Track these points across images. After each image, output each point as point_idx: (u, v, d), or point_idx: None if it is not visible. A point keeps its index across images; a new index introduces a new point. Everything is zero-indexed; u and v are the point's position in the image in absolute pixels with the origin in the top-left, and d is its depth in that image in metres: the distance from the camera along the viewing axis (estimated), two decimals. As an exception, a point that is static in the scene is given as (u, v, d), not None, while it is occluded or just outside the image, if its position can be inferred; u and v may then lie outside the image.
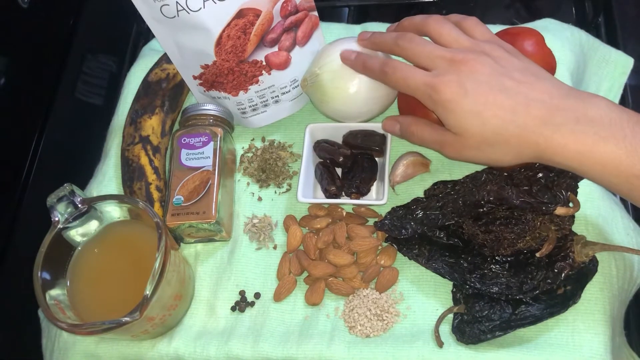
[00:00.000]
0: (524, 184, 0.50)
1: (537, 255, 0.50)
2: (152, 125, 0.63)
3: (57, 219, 0.52)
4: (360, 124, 0.60)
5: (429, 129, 0.53)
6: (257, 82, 0.60)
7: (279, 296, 0.56)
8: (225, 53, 0.57)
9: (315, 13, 0.60)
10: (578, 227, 0.53)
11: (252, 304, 0.57)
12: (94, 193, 0.64)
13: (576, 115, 0.45)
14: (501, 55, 0.49)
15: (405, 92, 0.52)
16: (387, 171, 0.58)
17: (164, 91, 0.65)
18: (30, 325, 0.62)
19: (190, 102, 0.68)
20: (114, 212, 0.55)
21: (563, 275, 0.49)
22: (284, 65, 0.60)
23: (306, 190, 0.59)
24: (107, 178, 0.64)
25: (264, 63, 0.59)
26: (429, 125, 0.53)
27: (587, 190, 0.55)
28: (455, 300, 0.53)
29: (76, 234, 0.54)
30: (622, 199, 0.60)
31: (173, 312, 0.54)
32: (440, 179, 0.57)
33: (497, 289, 0.50)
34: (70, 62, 0.76)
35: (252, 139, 0.65)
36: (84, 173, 0.68)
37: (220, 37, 0.56)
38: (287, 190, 0.62)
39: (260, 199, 0.62)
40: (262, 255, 0.59)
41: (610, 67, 0.64)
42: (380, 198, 0.58)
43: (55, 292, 0.51)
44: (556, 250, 0.50)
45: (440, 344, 0.51)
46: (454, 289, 0.54)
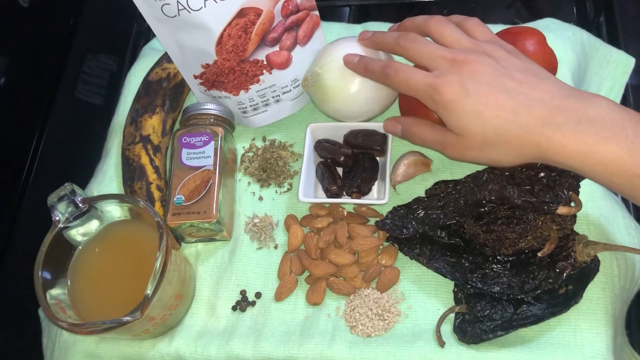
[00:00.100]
0: (526, 184, 0.50)
1: (538, 254, 0.50)
2: (152, 124, 0.63)
3: (57, 218, 0.52)
4: (361, 124, 0.60)
5: (431, 130, 0.53)
6: (258, 81, 0.60)
7: (280, 296, 0.56)
8: (226, 52, 0.57)
9: (317, 12, 0.60)
10: (580, 226, 0.53)
11: (253, 303, 0.57)
12: (95, 192, 0.64)
13: (577, 115, 0.45)
14: (502, 55, 0.49)
15: (407, 94, 0.52)
16: (388, 171, 0.58)
17: (165, 90, 0.65)
18: (31, 325, 0.62)
19: (191, 101, 0.68)
20: (115, 211, 0.55)
21: (565, 274, 0.49)
22: (285, 64, 0.60)
23: (307, 189, 0.59)
24: (108, 177, 0.64)
25: (265, 62, 0.59)
26: (430, 126, 0.53)
27: (589, 190, 0.55)
28: (457, 300, 0.53)
29: (77, 233, 0.54)
30: (624, 199, 0.60)
31: (174, 312, 0.54)
32: (441, 178, 0.57)
33: (498, 288, 0.50)
34: (70, 62, 0.76)
35: (253, 139, 0.65)
36: (84, 172, 0.68)
37: (221, 36, 0.56)
38: (288, 189, 0.62)
39: (261, 198, 0.62)
40: (263, 254, 0.59)
41: (612, 66, 0.64)
42: (381, 198, 0.58)
43: (55, 292, 0.51)
44: (558, 250, 0.50)
45: (441, 343, 0.51)
46: (456, 289, 0.54)
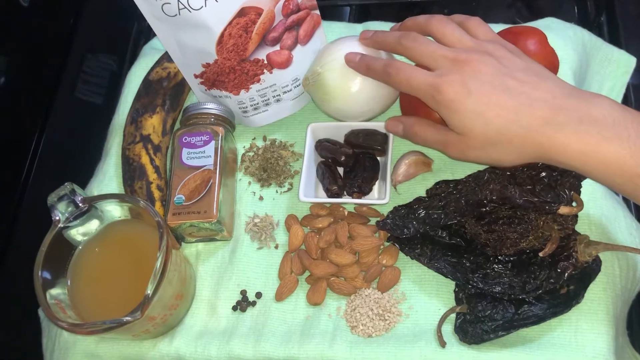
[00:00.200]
0: (527, 183, 0.50)
1: (540, 254, 0.49)
2: (153, 124, 0.63)
3: (57, 218, 0.51)
4: (362, 123, 0.60)
5: (432, 130, 0.53)
6: (258, 81, 0.60)
7: (280, 296, 0.56)
8: (226, 52, 0.57)
9: (317, 12, 0.60)
10: (581, 226, 0.53)
11: (253, 303, 0.57)
12: (95, 192, 0.63)
13: (579, 115, 0.45)
14: (504, 55, 0.49)
15: (408, 93, 0.52)
16: (389, 170, 0.58)
17: (165, 90, 0.65)
18: (31, 325, 0.61)
19: (192, 100, 0.68)
20: (115, 211, 0.54)
21: (566, 275, 0.49)
22: (286, 64, 0.60)
23: (308, 189, 0.59)
24: (108, 177, 0.64)
25: (266, 62, 0.59)
26: (431, 126, 0.53)
27: (590, 190, 0.55)
28: (458, 300, 0.53)
29: (77, 233, 0.54)
30: (625, 199, 0.60)
31: (174, 312, 0.54)
32: (442, 178, 0.57)
33: (499, 288, 0.50)
34: (70, 61, 0.76)
35: (254, 138, 0.65)
36: (84, 172, 0.68)
37: (222, 35, 0.55)
38: (289, 189, 0.62)
39: (261, 198, 0.62)
40: (263, 254, 0.59)
41: (613, 66, 0.64)
42: (382, 197, 0.57)
43: (55, 292, 0.51)
44: (559, 250, 0.50)
45: (442, 343, 0.51)
46: (457, 289, 0.54)
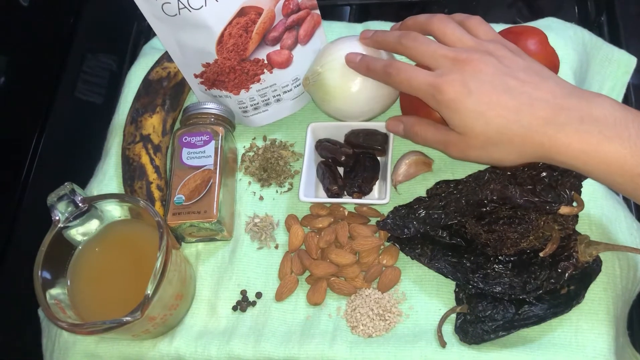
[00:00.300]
0: (528, 183, 0.50)
1: (540, 255, 0.49)
2: (153, 124, 0.63)
3: (57, 218, 0.51)
4: (362, 123, 0.60)
5: (433, 129, 0.53)
6: (258, 80, 0.60)
7: (280, 296, 0.56)
8: (226, 51, 0.57)
9: (317, 11, 0.60)
10: (582, 226, 0.53)
11: (253, 303, 0.57)
12: (95, 192, 0.63)
13: (580, 114, 0.45)
14: (505, 54, 0.49)
15: (409, 93, 0.52)
16: (389, 170, 0.58)
17: (165, 90, 0.65)
18: (30, 325, 0.61)
19: (192, 100, 0.68)
20: (115, 211, 0.54)
21: (566, 275, 0.49)
22: (286, 63, 0.60)
23: (308, 189, 0.59)
24: (108, 177, 0.64)
25: (266, 61, 0.59)
26: (432, 125, 0.53)
27: (591, 190, 0.55)
28: (458, 300, 0.53)
29: (77, 233, 0.54)
30: (626, 199, 0.60)
31: (174, 312, 0.54)
32: (442, 178, 0.57)
33: (500, 288, 0.50)
34: (70, 61, 0.76)
35: (254, 138, 0.65)
36: (84, 172, 0.68)
37: (222, 35, 0.55)
38: (289, 189, 0.62)
39: (261, 198, 0.62)
40: (263, 254, 0.59)
41: (613, 66, 0.64)
42: (382, 197, 0.57)
43: (55, 292, 0.51)
44: (560, 250, 0.50)
45: (443, 344, 0.51)
46: (457, 289, 0.54)
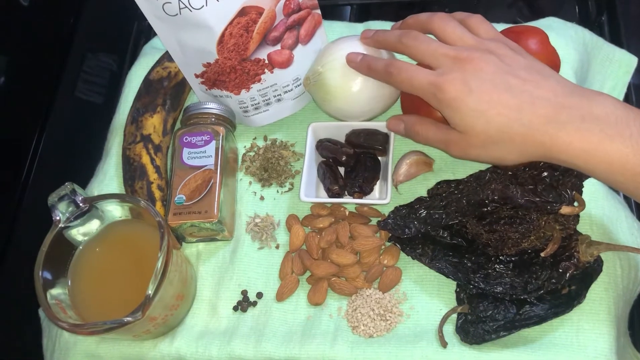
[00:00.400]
0: (529, 183, 0.50)
1: (541, 255, 0.49)
2: (153, 123, 0.63)
3: (58, 218, 0.51)
4: (363, 123, 0.60)
5: (434, 128, 0.53)
6: (259, 80, 0.60)
7: (281, 296, 0.56)
8: (227, 51, 0.57)
9: (318, 11, 0.59)
10: (583, 226, 0.53)
11: (254, 303, 0.57)
12: (95, 192, 0.63)
13: (582, 113, 0.45)
14: (506, 53, 0.49)
15: (410, 92, 0.52)
16: (390, 170, 0.58)
17: (166, 89, 0.65)
18: (31, 325, 0.61)
19: (192, 100, 0.68)
20: (116, 211, 0.54)
21: (568, 275, 0.49)
22: (287, 63, 0.60)
23: (309, 189, 0.59)
24: (108, 177, 0.64)
25: (267, 61, 0.59)
26: (433, 124, 0.53)
27: (592, 190, 0.55)
28: (459, 300, 0.53)
29: (77, 233, 0.54)
30: (627, 198, 0.60)
31: (175, 312, 0.54)
32: (443, 178, 0.57)
33: (501, 288, 0.50)
34: (70, 61, 0.76)
35: (254, 138, 0.65)
36: (84, 172, 0.68)
37: (223, 35, 0.55)
38: (290, 189, 0.62)
39: (262, 198, 0.62)
40: (264, 254, 0.59)
41: (614, 66, 0.64)
42: (383, 197, 0.57)
43: (56, 292, 0.51)
44: (561, 250, 0.50)
45: (444, 344, 0.51)
46: (458, 289, 0.53)
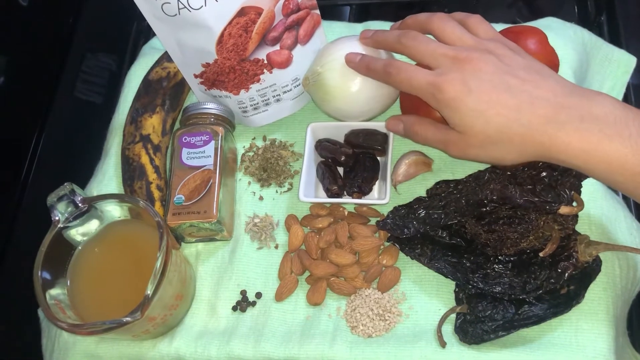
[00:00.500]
0: (528, 183, 0.50)
1: (540, 254, 0.49)
2: (152, 124, 0.63)
3: (57, 218, 0.51)
4: (362, 123, 0.60)
5: (433, 128, 0.53)
6: (258, 80, 0.60)
7: (280, 296, 0.56)
8: (226, 51, 0.57)
9: (317, 11, 0.60)
10: (581, 226, 0.53)
11: (253, 303, 0.57)
12: (94, 192, 0.63)
13: (581, 113, 0.45)
14: (505, 53, 0.49)
15: (409, 92, 0.52)
16: (389, 170, 0.58)
17: (165, 90, 0.65)
18: (30, 325, 0.61)
19: (191, 100, 0.68)
20: (115, 211, 0.54)
21: (566, 275, 0.49)
22: (286, 63, 0.60)
23: (308, 189, 0.59)
24: (108, 177, 0.64)
25: (266, 61, 0.59)
26: (432, 125, 0.53)
27: (591, 190, 0.55)
28: (458, 300, 0.53)
29: (76, 233, 0.54)
30: (625, 198, 0.60)
31: (174, 312, 0.54)
32: (442, 178, 0.57)
33: (500, 288, 0.50)
34: (70, 61, 0.76)
35: (254, 138, 0.65)
36: (84, 172, 0.68)
37: (222, 35, 0.55)
38: (289, 189, 0.62)
39: (261, 198, 0.62)
40: (263, 254, 0.59)
41: (613, 66, 0.64)
42: (382, 197, 0.57)
43: (55, 292, 0.51)
44: (559, 250, 0.50)
45: (442, 344, 0.51)
46: (457, 289, 0.54)
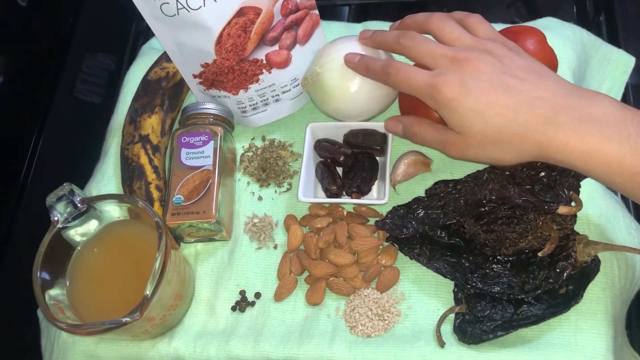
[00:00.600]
0: (526, 183, 0.50)
1: (539, 254, 0.49)
2: (151, 124, 0.63)
3: (56, 218, 0.51)
4: (361, 123, 0.60)
5: (431, 129, 0.53)
6: (257, 80, 0.60)
7: (279, 296, 0.56)
8: (225, 52, 0.57)
9: (316, 11, 0.60)
10: (580, 226, 0.53)
11: (252, 303, 0.57)
12: (94, 192, 0.63)
13: (580, 113, 0.45)
14: (504, 53, 0.49)
15: (408, 93, 0.52)
16: (388, 170, 0.58)
17: (164, 90, 0.65)
18: (30, 326, 0.61)
19: (190, 101, 0.68)
20: (114, 211, 0.54)
21: (565, 274, 0.49)
22: (285, 64, 0.60)
23: (307, 189, 0.59)
24: (107, 177, 0.64)
25: (265, 62, 0.59)
26: (431, 125, 0.53)
27: (589, 190, 0.55)
28: (457, 300, 0.53)
29: (75, 233, 0.54)
30: (624, 198, 0.60)
31: (173, 312, 0.54)
32: (441, 178, 0.57)
33: (498, 288, 0.50)
34: (69, 61, 0.76)
35: (253, 138, 0.65)
36: (83, 172, 0.68)
37: (221, 35, 0.55)
38: (288, 189, 0.62)
39: (260, 198, 0.62)
40: (262, 254, 0.59)
41: (612, 66, 0.64)
42: (381, 197, 0.57)
43: (54, 292, 0.51)
44: (558, 250, 0.50)
45: (441, 344, 0.51)
46: (456, 289, 0.54)
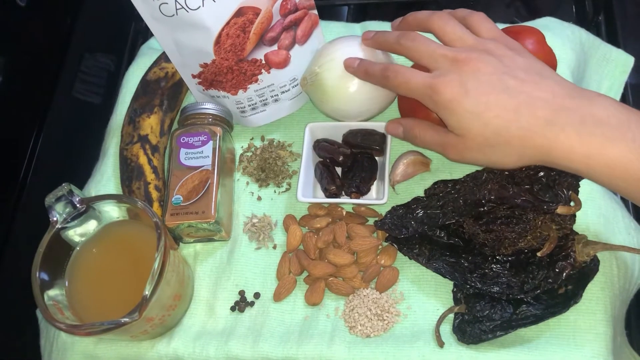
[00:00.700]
0: (525, 183, 0.50)
1: (538, 254, 0.49)
2: (150, 124, 0.63)
3: (55, 218, 0.51)
4: (360, 123, 0.60)
5: (431, 131, 0.52)
6: (256, 81, 0.60)
7: (278, 296, 0.56)
8: (224, 52, 0.57)
9: (315, 11, 0.59)
10: (579, 226, 0.53)
11: (251, 304, 0.57)
12: (93, 193, 0.63)
13: (581, 115, 0.45)
14: (505, 53, 0.49)
15: (407, 95, 0.52)
16: (387, 170, 0.58)
17: (163, 90, 0.65)
18: (29, 326, 0.61)
19: (189, 101, 0.68)
20: (113, 211, 0.54)
21: (564, 274, 0.49)
22: (284, 64, 0.60)
23: (306, 189, 0.59)
24: (106, 178, 0.64)
25: (264, 62, 0.59)
26: (431, 128, 0.53)
27: (589, 190, 0.55)
28: (456, 300, 0.53)
29: (75, 234, 0.53)
30: (624, 199, 0.60)
31: (172, 313, 0.54)
32: (440, 178, 0.57)
33: (498, 288, 0.50)
34: (68, 61, 0.76)
35: (252, 138, 0.65)
36: (82, 173, 0.68)
37: (220, 35, 0.55)
38: (287, 189, 0.62)
39: (259, 198, 0.62)
40: (261, 255, 0.59)
41: (611, 65, 0.64)
42: (380, 197, 0.57)
43: (53, 293, 0.51)
44: (557, 250, 0.50)
45: (441, 344, 0.51)
46: (455, 289, 0.54)
